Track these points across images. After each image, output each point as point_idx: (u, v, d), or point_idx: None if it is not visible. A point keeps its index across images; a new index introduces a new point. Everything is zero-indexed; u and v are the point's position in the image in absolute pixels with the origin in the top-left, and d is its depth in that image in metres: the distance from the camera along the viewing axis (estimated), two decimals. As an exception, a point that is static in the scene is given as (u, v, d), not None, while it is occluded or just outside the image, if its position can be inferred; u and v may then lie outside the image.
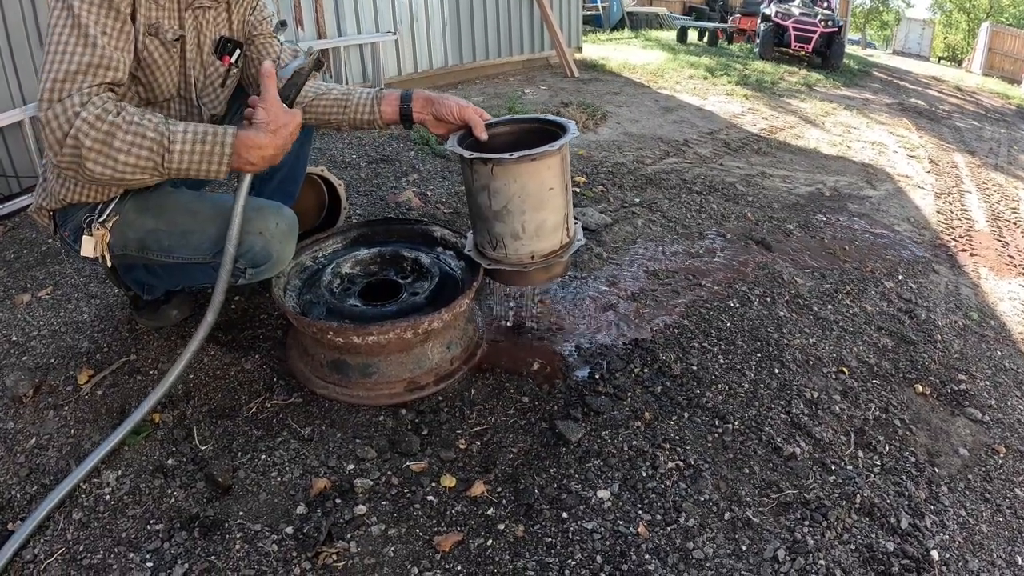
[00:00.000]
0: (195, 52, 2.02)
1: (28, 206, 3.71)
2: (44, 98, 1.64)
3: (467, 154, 2.02)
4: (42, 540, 1.70)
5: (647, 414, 2.17)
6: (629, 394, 2.25)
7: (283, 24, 2.33)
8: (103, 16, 1.69)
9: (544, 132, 2.22)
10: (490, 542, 1.72)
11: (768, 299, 2.99)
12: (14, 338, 2.52)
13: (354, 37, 6.28)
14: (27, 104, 3.82)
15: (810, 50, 13.36)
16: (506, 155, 1.98)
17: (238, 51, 2.12)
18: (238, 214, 1.93)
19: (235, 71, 2.17)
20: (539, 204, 2.07)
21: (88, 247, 2.03)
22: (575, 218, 2.32)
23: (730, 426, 2.15)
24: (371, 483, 1.87)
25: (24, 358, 2.40)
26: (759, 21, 15.06)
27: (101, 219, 2.03)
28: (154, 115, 1.74)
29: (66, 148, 1.64)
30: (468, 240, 2.37)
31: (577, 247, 2.27)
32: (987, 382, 2.68)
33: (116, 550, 1.68)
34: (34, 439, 2.04)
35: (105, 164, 1.67)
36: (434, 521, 1.77)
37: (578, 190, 4.11)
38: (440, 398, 2.20)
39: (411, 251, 2.50)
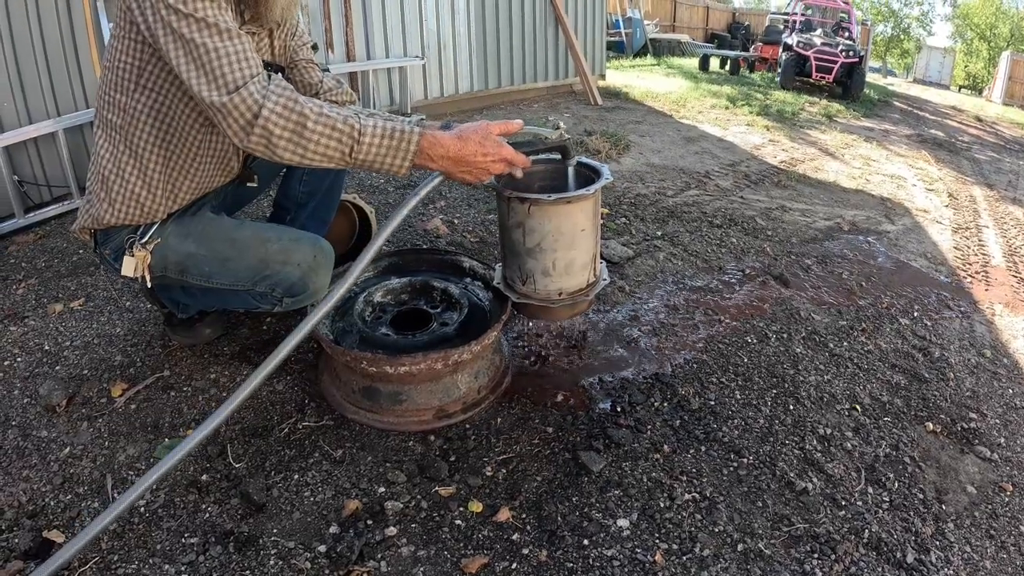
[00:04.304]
0: None
1: (59, 215, 3.85)
2: (218, 91, 1.68)
3: (506, 192, 2.10)
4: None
5: (666, 447, 2.24)
6: (649, 427, 2.32)
7: (314, 47, 2.42)
8: (221, 12, 1.73)
9: (576, 173, 2.32)
10: (515, 566, 1.78)
11: (785, 335, 3.06)
12: (46, 347, 2.60)
13: (382, 61, 6.39)
14: (60, 116, 3.91)
15: (831, 80, 13.40)
16: (544, 196, 2.07)
17: (280, 75, 2.20)
18: (364, 263, 1.92)
19: None
20: (571, 244, 2.16)
21: (129, 267, 2.10)
22: (600, 257, 2.40)
23: (745, 460, 2.22)
24: (401, 506, 1.94)
25: (57, 368, 2.48)
26: (781, 50, 15.15)
27: (143, 241, 2.10)
28: (340, 107, 1.80)
29: (254, 136, 1.71)
30: (497, 272, 2.45)
31: (602, 286, 2.35)
32: (997, 420, 2.71)
33: (151, 561, 1.74)
34: (68, 448, 2.11)
35: (295, 152, 1.74)
36: (461, 544, 1.84)
37: (601, 221, 4.13)
38: (467, 426, 2.28)
39: (441, 281, 2.57)
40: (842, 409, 2.58)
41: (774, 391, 2.62)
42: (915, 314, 3.56)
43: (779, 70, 14.27)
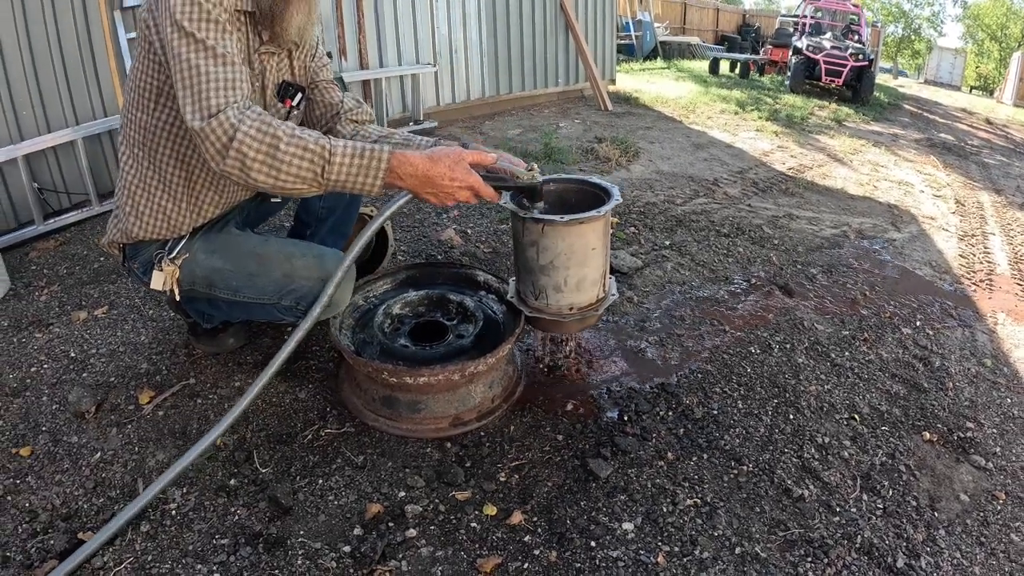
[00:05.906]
0: (259, 94, 2.15)
1: (78, 222, 3.95)
2: (199, 116, 1.74)
3: (522, 213, 2.21)
4: (111, 549, 1.84)
5: (670, 454, 2.33)
6: (654, 435, 2.41)
7: (328, 56, 2.51)
8: (223, 37, 1.81)
9: (587, 192, 2.42)
10: (526, 566, 1.88)
11: (788, 346, 3.13)
12: (72, 354, 2.69)
13: (395, 68, 6.48)
14: (79, 124, 4.01)
15: (840, 83, 13.40)
16: (557, 217, 2.17)
17: (300, 95, 2.25)
18: (344, 267, 2.10)
19: (296, 113, 2.30)
20: (582, 261, 2.26)
21: (158, 281, 2.19)
22: (610, 268, 2.50)
23: (745, 468, 2.30)
24: (420, 509, 2.03)
25: (84, 375, 2.57)
26: (790, 54, 15.16)
27: (171, 256, 2.19)
28: (311, 130, 1.86)
29: (229, 160, 1.75)
30: (510, 287, 2.54)
31: (611, 301, 2.45)
32: (994, 430, 2.75)
33: (184, 561, 1.83)
34: (99, 454, 2.19)
35: (268, 174, 1.78)
36: (477, 545, 1.94)
37: (611, 230, 4.20)
38: (482, 433, 2.37)
39: (456, 294, 2.67)
40: (841, 418, 2.65)
41: (775, 401, 2.70)
42: (917, 323, 3.61)
43: (789, 73, 14.30)
